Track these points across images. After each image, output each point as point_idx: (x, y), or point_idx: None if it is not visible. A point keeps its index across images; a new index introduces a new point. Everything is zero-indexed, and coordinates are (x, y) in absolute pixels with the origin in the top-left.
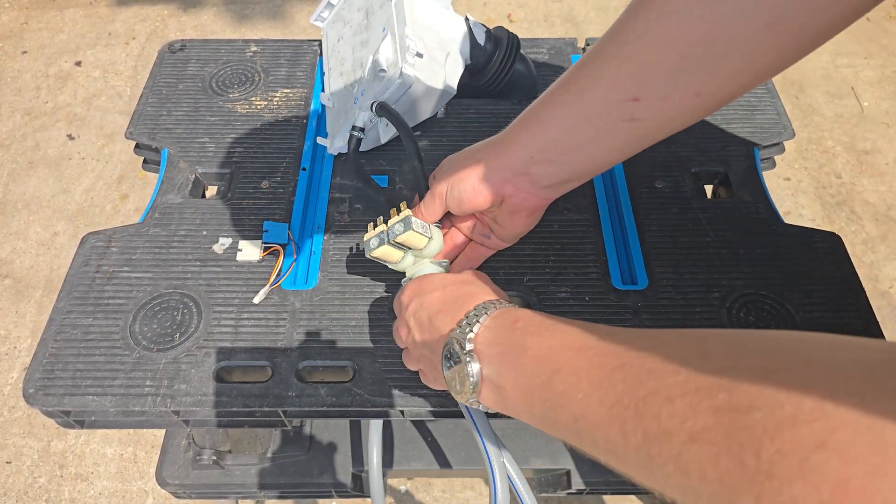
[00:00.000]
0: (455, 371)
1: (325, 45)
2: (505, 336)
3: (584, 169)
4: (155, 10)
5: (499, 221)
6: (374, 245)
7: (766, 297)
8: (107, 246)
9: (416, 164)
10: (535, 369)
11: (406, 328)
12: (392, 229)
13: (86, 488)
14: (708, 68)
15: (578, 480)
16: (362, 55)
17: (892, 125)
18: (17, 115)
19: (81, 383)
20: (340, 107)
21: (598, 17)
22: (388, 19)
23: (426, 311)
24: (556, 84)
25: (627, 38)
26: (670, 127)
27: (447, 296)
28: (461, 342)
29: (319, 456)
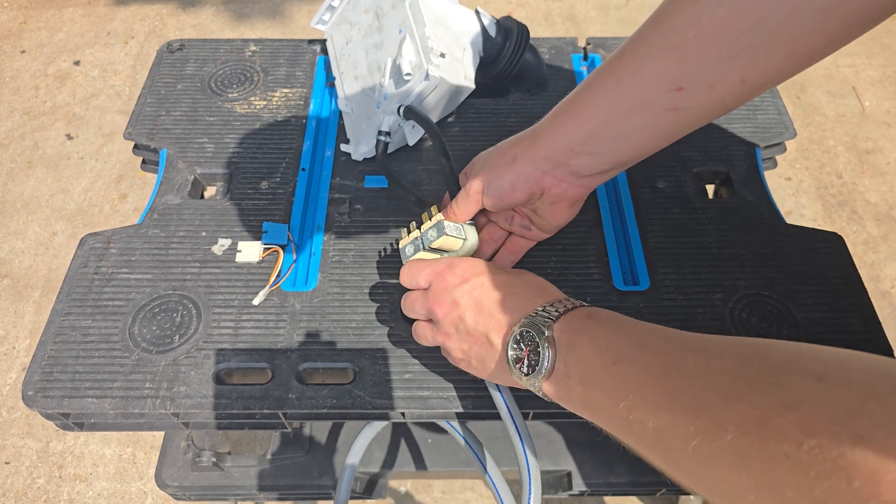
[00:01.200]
0: (524, 354)
1: (331, 49)
2: (577, 326)
3: (625, 158)
4: (154, 9)
5: (539, 213)
6: (410, 252)
7: (769, 297)
8: (105, 247)
9: (444, 162)
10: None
11: (452, 304)
12: (426, 235)
13: (85, 489)
14: (756, 56)
15: (580, 482)
16: (378, 58)
17: (893, 125)
18: (16, 115)
19: (81, 385)
20: (361, 112)
21: (598, 15)
22: (403, 20)
23: (490, 293)
24: (595, 74)
25: (673, 28)
26: (713, 114)
27: (516, 280)
28: (541, 328)
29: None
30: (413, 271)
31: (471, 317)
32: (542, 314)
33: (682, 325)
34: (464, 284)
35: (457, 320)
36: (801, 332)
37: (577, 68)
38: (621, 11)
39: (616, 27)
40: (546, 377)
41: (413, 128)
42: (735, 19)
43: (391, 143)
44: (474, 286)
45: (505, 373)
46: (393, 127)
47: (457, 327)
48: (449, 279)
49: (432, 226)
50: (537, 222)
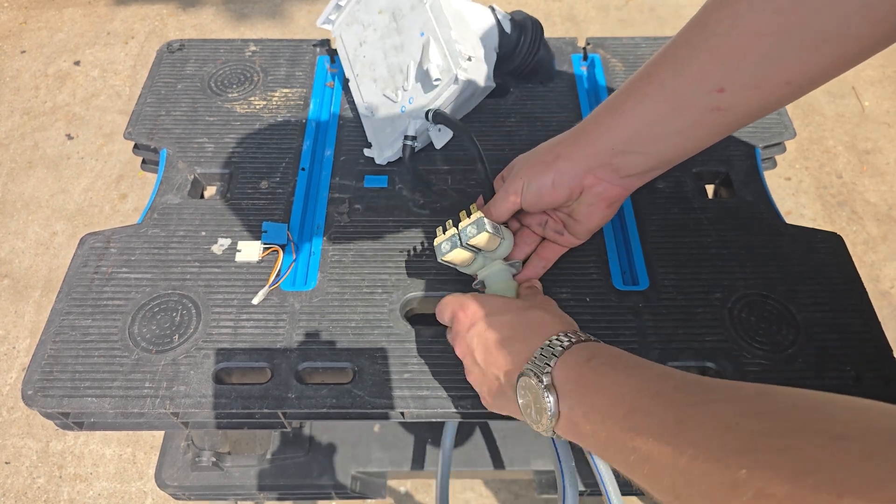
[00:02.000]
0: (531, 402)
1: (342, 50)
2: (580, 373)
3: (667, 158)
4: (154, 9)
5: (575, 216)
6: (447, 249)
7: (768, 297)
8: (105, 247)
9: (479, 166)
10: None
11: (466, 347)
12: (464, 232)
13: (85, 489)
14: (800, 58)
15: (579, 482)
16: (399, 60)
17: (893, 125)
18: (16, 115)
19: (80, 385)
20: (384, 115)
21: (598, 16)
22: (425, 23)
23: (493, 335)
24: (637, 76)
25: (715, 29)
26: (756, 115)
27: (518, 321)
28: (539, 375)
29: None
30: (440, 309)
31: (481, 360)
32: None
33: (682, 325)
34: (473, 328)
35: (472, 363)
36: (800, 332)
37: (576, 68)
38: (621, 12)
39: (616, 27)
40: (554, 422)
41: (440, 131)
42: (778, 21)
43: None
44: (481, 329)
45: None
46: (419, 130)
47: (474, 367)
48: (462, 321)
49: (472, 222)
50: (571, 226)
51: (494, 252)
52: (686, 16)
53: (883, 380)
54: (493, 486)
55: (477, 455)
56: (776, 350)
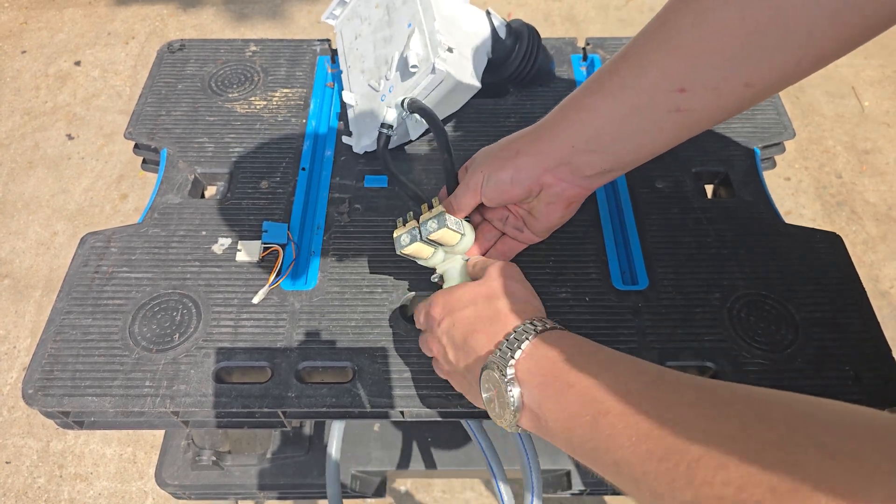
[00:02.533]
0: (494, 396)
1: (340, 44)
2: (548, 367)
3: (627, 159)
4: (154, 9)
5: (534, 213)
6: (406, 242)
7: (767, 297)
8: (106, 246)
9: (445, 157)
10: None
11: (438, 344)
12: (425, 226)
13: (85, 488)
14: (761, 59)
15: (579, 481)
16: (386, 52)
17: (892, 125)
18: (17, 115)
19: (81, 384)
20: (365, 105)
21: (598, 16)
22: (413, 15)
23: (459, 329)
24: (599, 72)
25: (678, 26)
26: (717, 117)
27: (480, 314)
28: (501, 368)
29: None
30: (416, 314)
31: (452, 355)
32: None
33: (681, 325)
34: (442, 323)
35: (445, 359)
36: (799, 332)
37: (576, 68)
38: (621, 12)
39: (616, 27)
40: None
41: (416, 121)
42: (741, 21)
43: (393, 139)
44: (448, 325)
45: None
46: (396, 121)
47: (447, 364)
48: (433, 317)
49: (433, 217)
50: (531, 223)
51: (455, 247)
52: None
53: (882, 380)
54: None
55: (477, 455)
56: (775, 350)
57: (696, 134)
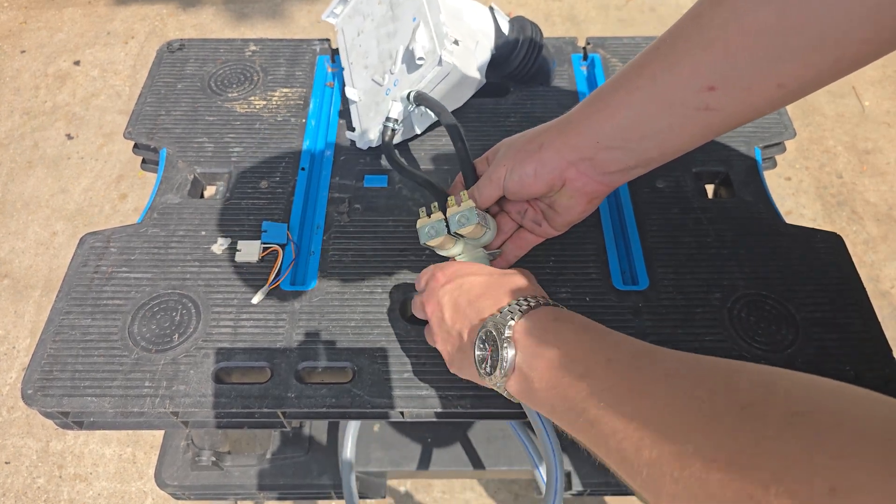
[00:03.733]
0: (488, 354)
1: (341, 41)
2: (543, 329)
3: (651, 156)
4: (154, 9)
5: (555, 207)
6: (431, 234)
7: (767, 297)
8: (105, 246)
9: (459, 145)
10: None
11: (436, 304)
12: (452, 219)
13: (84, 489)
14: (797, 60)
15: (578, 482)
16: (390, 46)
17: (893, 125)
18: (16, 115)
19: (80, 384)
20: (369, 100)
21: (598, 15)
22: (418, 8)
23: (466, 293)
24: (629, 67)
25: (712, 23)
26: (746, 117)
27: (491, 282)
28: (500, 327)
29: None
30: (420, 275)
31: (449, 316)
32: (506, 312)
33: (681, 325)
34: (447, 284)
35: (440, 320)
36: (799, 332)
37: (576, 68)
38: (621, 11)
39: (616, 27)
40: (507, 377)
41: (422, 115)
42: (778, 20)
43: (398, 136)
44: (455, 286)
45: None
46: (402, 115)
47: (440, 327)
48: (438, 278)
49: (461, 211)
50: (551, 218)
51: (478, 240)
52: None
53: (882, 380)
54: (493, 486)
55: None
56: (775, 350)
57: (723, 133)
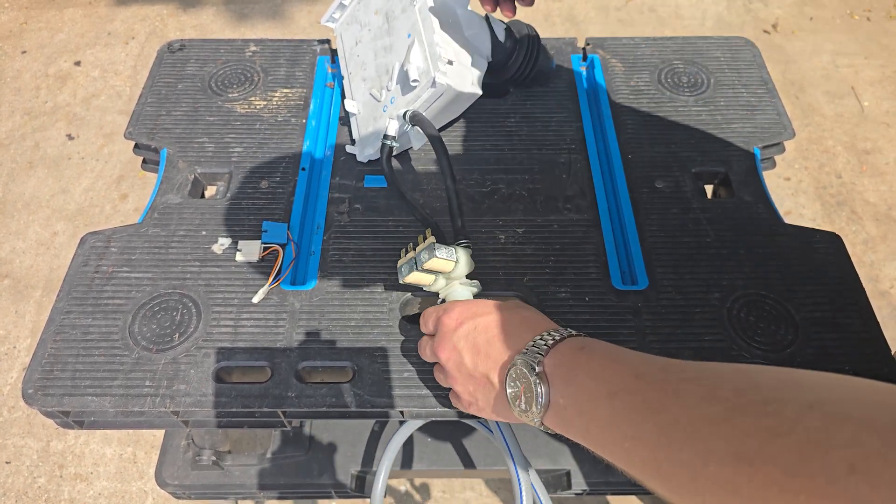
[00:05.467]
0: (521, 392)
1: (340, 48)
2: (571, 361)
3: None
4: (154, 9)
5: None
6: (406, 272)
7: (767, 297)
8: (106, 246)
9: (448, 183)
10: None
11: (452, 349)
12: (419, 257)
13: (85, 488)
14: None
15: (580, 481)
16: (387, 61)
17: (892, 125)
18: (17, 115)
19: (80, 384)
20: (367, 114)
21: (598, 16)
22: (412, 25)
23: (482, 333)
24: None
25: None
26: None
27: (507, 319)
28: (530, 364)
29: (319, 456)
30: (424, 318)
31: (469, 359)
32: (533, 349)
33: (680, 325)
34: (460, 328)
35: (458, 364)
36: (799, 332)
37: (576, 69)
38: (621, 12)
39: (616, 28)
40: (543, 412)
41: (418, 133)
42: None
43: (396, 147)
44: (469, 329)
45: (507, 410)
46: (399, 131)
47: (459, 370)
48: (447, 323)
49: (424, 248)
50: None
51: (451, 274)
52: (685, 16)
53: (882, 379)
54: (493, 486)
55: (476, 454)
56: (775, 350)
57: None
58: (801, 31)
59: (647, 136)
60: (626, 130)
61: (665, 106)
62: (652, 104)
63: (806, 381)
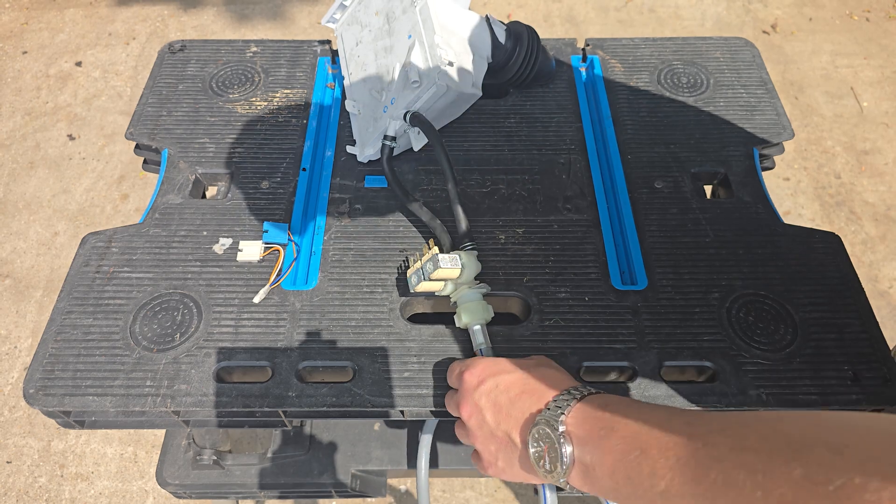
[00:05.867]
0: (545, 452)
1: (341, 48)
2: (595, 418)
3: None
4: (155, 10)
5: None
6: (415, 282)
7: (766, 297)
8: (107, 246)
9: (450, 186)
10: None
11: (473, 406)
12: (424, 267)
13: (86, 488)
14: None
15: None
16: (388, 62)
17: (891, 125)
18: (18, 116)
19: (81, 383)
20: (368, 114)
21: (597, 17)
22: (413, 26)
23: (504, 392)
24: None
25: None
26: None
27: (527, 378)
28: (553, 424)
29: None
30: (449, 372)
31: (491, 418)
32: (556, 408)
33: (680, 325)
34: (481, 386)
35: (480, 422)
36: (798, 332)
37: (576, 69)
38: (620, 13)
39: (615, 28)
40: (568, 472)
41: (419, 133)
42: None
43: (397, 148)
44: (490, 387)
45: (531, 471)
46: (399, 132)
47: (481, 428)
48: (469, 381)
49: (429, 259)
50: None
51: (460, 279)
52: (685, 17)
53: (881, 379)
54: (493, 486)
55: None
56: (774, 350)
57: None
58: (801, 32)
59: (646, 137)
60: (625, 131)
61: (664, 106)
62: (651, 105)
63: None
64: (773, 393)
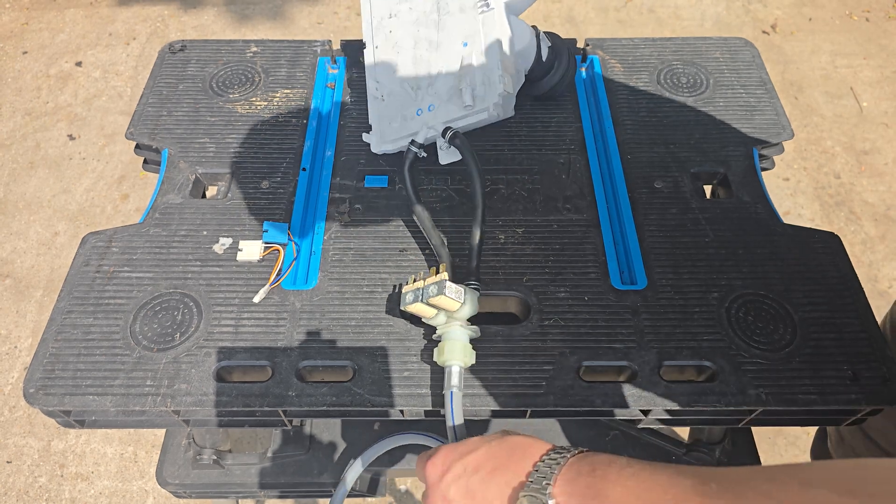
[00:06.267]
0: None
1: (367, 14)
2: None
3: None
4: (155, 10)
5: None
6: (410, 300)
7: (766, 297)
8: (107, 246)
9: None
10: None
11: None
12: (426, 289)
13: (86, 488)
14: None
15: None
16: (430, 58)
17: (891, 125)
18: (18, 116)
19: (82, 383)
20: (394, 105)
21: (597, 17)
22: (472, 34)
23: (475, 474)
24: None
25: None
26: None
27: (498, 449)
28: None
29: (319, 455)
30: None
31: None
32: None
33: (679, 325)
34: (447, 475)
35: None
36: (797, 332)
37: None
38: (620, 13)
39: (615, 28)
40: None
41: (450, 149)
42: None
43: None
44: (458, 473)
45: None
46: (428, 140)
47: None
48: (432, 473)
49: (435, 282)
50: None
51: (454, 314)
52: (685, 17)
53: (880, 379)
54: None
55: None
56: (773, 349)
57: None
58: (800, 32)
59: (646, 137)
60: (625, 131)
61: (664, 106)
62: (651, 105)
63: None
64: (772, 392)
